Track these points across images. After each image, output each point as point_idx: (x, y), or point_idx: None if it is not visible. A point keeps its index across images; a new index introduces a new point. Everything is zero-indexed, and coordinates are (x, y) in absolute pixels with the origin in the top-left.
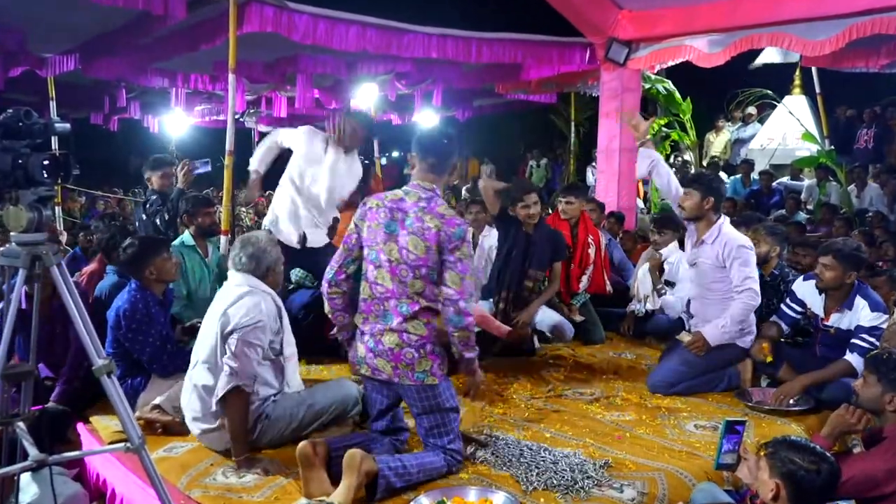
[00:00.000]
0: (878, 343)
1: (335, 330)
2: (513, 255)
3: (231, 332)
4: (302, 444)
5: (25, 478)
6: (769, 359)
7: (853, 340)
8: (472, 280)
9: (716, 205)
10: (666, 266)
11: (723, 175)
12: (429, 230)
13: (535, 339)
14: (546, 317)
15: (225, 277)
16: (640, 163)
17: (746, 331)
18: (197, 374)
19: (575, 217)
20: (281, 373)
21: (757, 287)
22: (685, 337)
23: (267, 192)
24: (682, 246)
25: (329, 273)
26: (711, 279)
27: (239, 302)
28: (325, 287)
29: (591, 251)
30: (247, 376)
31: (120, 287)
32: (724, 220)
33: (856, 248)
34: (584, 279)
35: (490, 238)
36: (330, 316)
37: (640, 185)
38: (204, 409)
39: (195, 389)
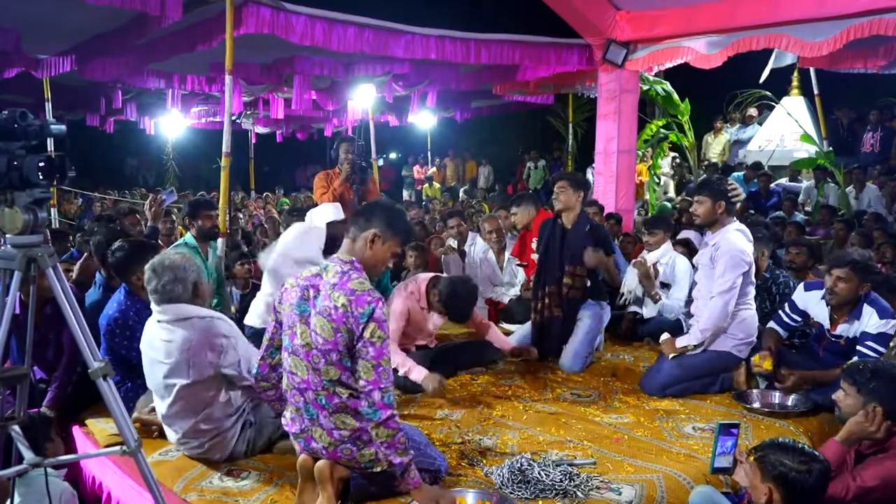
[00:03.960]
0: (884, 350)
1: (281, 417)
2: (549, 251)
3: (217, 375)
4: (304, 457)
5: None
6: (768, 368)
7: (859, 347)
8: (388, 365)
9: (728, 208)
10: (660, 268)
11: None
12: (335, 310)
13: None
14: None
15: (223, 281)
16: None
17: (746, 341)
18: (176, 424)
19: (527, 222)
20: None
21: (726, 302)
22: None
23: (264, 194)
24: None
25: (254, 368)
26: (706, 281)
27: (195, 347)
28: (255, 385)
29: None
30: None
31: (104, 304)
32: (732, 225)
33: (869, 258)
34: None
35: (477, 245)
36: (270, 406)
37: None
38: (193, 444)
39: (183, 433)
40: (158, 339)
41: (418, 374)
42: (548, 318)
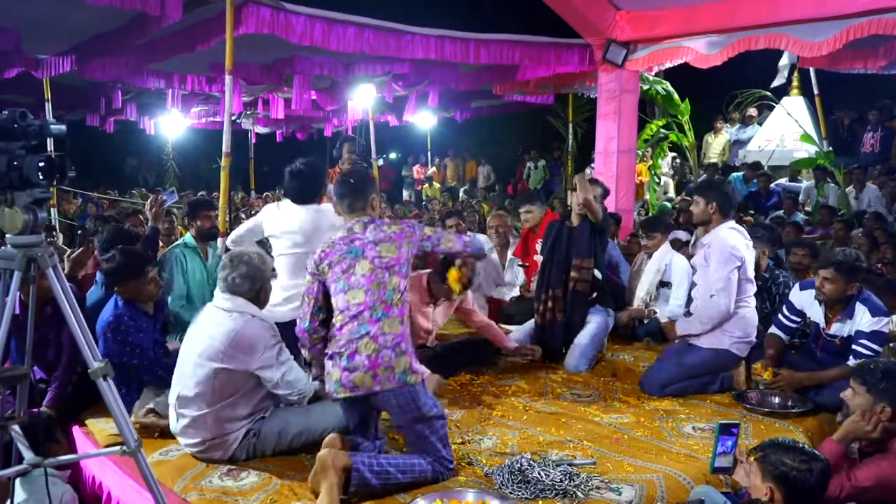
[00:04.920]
0: (880, 348)
1: (317, 372)
2: (555, 251)
3: (245, 374)
4: (325, 450)
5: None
6: (767, 378)
7: (854, 346)
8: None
9: (720, 208)
10: (662, 266)
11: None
12: (395, 233)
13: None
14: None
15: None
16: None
17: (745, 340)
18: (189, 407)
19: (537, 223)
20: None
21: (723, 298)
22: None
23: (264, 194)
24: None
25: (304, 324)
26: (703, 281)
27: (238, 340)
28: (304, 338)
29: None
30: (305, 384)
31: (106, 302)
32: (725, 224)
33: (855, 258)
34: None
35: None
36: (315, 361)
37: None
38: (194, 439)
39: (190, 421)
40: (209, 321)
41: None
42: (550, 320)
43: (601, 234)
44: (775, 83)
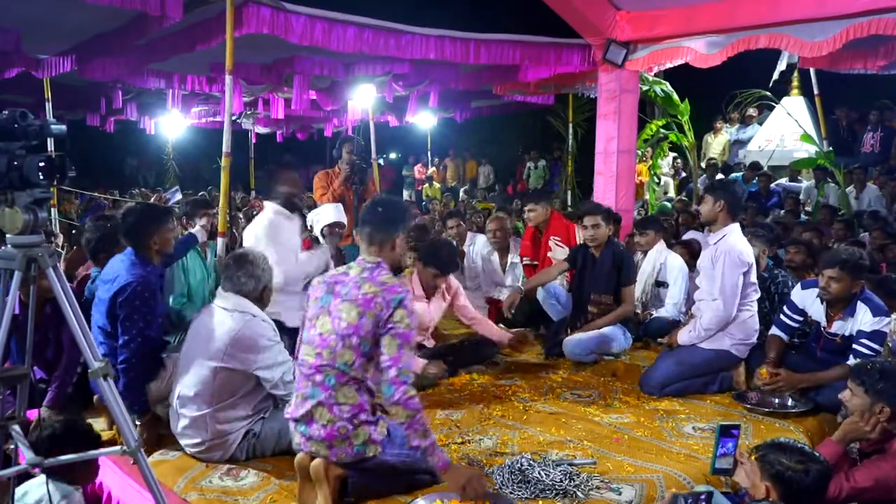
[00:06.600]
0: (880, 348)
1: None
2: (577, 278)
3: (254, 374)
4: (300, 455)
5: (33, 480)
6: (764, 376)
7: (854, 346)
8: (411, 351)
9: (729, 209)
10: (658, 266)
11: (720, 177)
12: (364, 296)
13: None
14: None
15: (220, 280)
16: None
17: (746, 342)
18: (189, 407)
19: (541, 222)
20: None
21: (727, 303)
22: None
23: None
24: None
25: (287, 376)
26: (707, 283)
27: (238, 339)
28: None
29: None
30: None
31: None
32: (733, 227)
33: (859, 256)
34: None
35: (477, 244)
36: None
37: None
38: (195, 439)
39: (190, 421)
40: (210, 320)
41: (416, 364)
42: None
43: (622, 268)
44: (775, 77)
